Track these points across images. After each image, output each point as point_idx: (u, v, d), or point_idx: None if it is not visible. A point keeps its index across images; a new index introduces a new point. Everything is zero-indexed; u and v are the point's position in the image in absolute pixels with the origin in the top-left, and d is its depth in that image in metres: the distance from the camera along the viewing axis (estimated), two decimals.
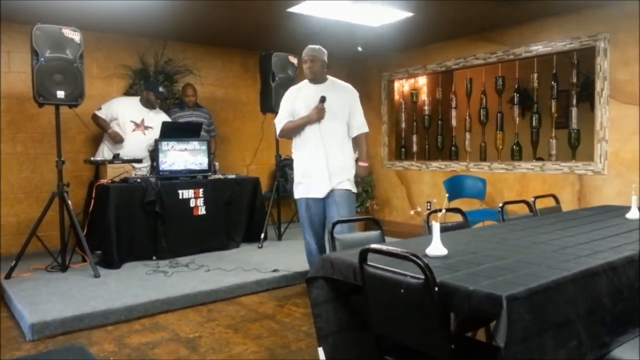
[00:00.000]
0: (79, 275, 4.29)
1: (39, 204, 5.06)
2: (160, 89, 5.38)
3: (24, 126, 5.31)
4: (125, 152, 5.08)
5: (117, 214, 4.58)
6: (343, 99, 3.83)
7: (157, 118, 5.31)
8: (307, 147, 3.82)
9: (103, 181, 4.71)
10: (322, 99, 3.71)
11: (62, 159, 4.38)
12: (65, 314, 3.33)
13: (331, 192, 3.78)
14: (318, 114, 3.72)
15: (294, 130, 3.85)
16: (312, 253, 3.93)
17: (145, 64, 5.90)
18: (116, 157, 4.90)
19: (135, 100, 5.35)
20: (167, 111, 5.69)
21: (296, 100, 3.83)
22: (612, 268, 1.88)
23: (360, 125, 3.93)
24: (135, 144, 5.18)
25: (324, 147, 3.76)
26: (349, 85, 3.95)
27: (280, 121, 3.90)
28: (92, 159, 4.98)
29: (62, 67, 4.17)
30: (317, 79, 3.83)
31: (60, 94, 4.18)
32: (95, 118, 5.20)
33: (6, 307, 3.80)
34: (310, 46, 3.83)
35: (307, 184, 3.83)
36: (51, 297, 3.67)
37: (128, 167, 4.92)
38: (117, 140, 5.11)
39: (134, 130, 5.21)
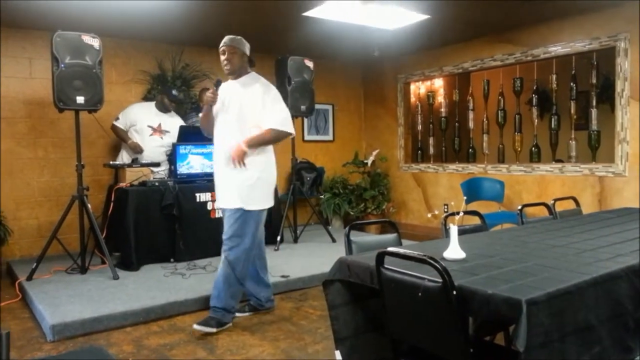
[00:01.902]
0: (98, 277, 4.34)
1: (59, 208, 5.14)
2: (174, 92, 5.42)
3: (45, 131, 5.41)
4: (144, 156, 5.15)
5: (135, 216, 4.63)
6: (252, 95, 3.35)
7: (173, 122, 5.36)
8: (214, 144, 3.48)
9: (122, 185, 4.77)
10: (217, 83, 3.37)
11: (82, 163, 4.45)
12: (84, 316, 3.37)
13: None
14: (207, 98, 3.33)
15: (202, 122, 3.54)
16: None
17: (163, 69, 5.96)
18: (135, 161, 4.96)
19: (151, 105, 5.40)
20: (184, 116, 5.74)
21: (221, 97, 3.42)
22: (633, 272, 1.85)
23: (266, 122, 3.33)
24: (153, 148, 5.24)
25: (224, 150, 3.37)
26: (267, 82, 3.48)
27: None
28: (111, 162, 5.05)
29: (82, 73, 4.23)
30: (234, 73, 3.39)
31: (80, 99, 4.24)
32: (114, 129, 5.26)
33: (27, 308, 3.86)
34: (228, 36, 3.39)
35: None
36: (71, 299, 3.73)
37: (147, 171, 4.97)
38: (138, 151, 5.16)
39: (151, 134, 5.27)
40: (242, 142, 3.26)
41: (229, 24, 5.26)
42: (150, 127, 5.26)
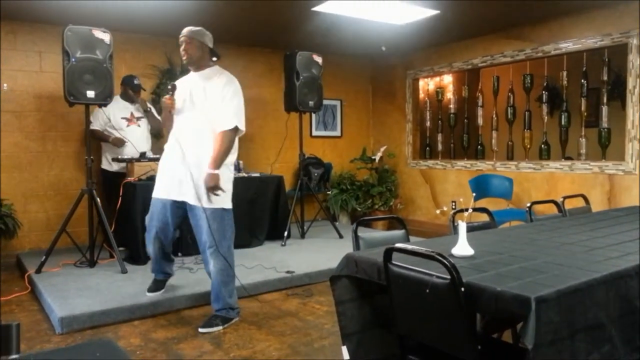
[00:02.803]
0: (106, 270, 4.37)
1: (68, 201, 5.17)
2: (136, 81, 5.25)
3: (54, 125, 5.44)
4: (130, 148, 5.08)
5: (143, 211, 4.63)
6: (212, 88, 3.30)
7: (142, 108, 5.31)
8: (168, 141, 3.44)
9: (130, 179, 4.79)
10: (173, 87, 3.33)
11: (92, 157, 4.47)
12: (93, 309, 3.40)
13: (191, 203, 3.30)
14: (165, 104, 3.32)
15: (164, 124, 3.53)
16: (151, 255, 3.58)
17: (172, 63, 5.97)
18: (142, 155, 4.97)
19: (117, 98, 5.17)
20: None
21: (179, 89, 3.38)
22: None
23: (221, 120, 3.24)
24: (135, 138, 5.18)
25: (180, 143, 3.30)
26: (230, 76, 3.38)
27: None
28: (119, 157, 5.06)
29: (92, 67, 4.25)
30: (193, 64, 3.34)
31: (90, 93, 4.26)
32: (92, 133, 5.08)
33: (37, 300, 3.89)
34: (188, 27, 3.35)
35: (163, 183, 3.41)
36: (80, 292, 3.76)
37: (154, 165, 4.98)
38: (121, 144, 5.08)
39: (128, 125, 5.21)
40: (210, 168, 3.16)
41: (238, 19, 5.27)
42: (124, 119, 5.20)
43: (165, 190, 3.38)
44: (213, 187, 3.16)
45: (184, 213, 3.40)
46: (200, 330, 3.26)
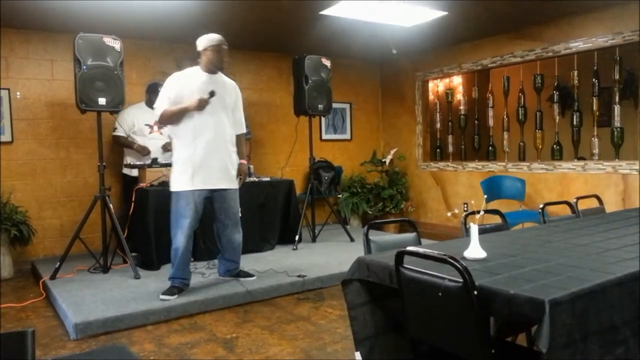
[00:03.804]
0: (120, 276, 4.40)
1: (81, 207, 5.23)
2: (159, 89, 5.33)
3: (67, 132, 5.50)
4: (153, 156, 5.12)
5: (155, 216, 4.68)
6: (234, 93, 4.00)
7: None
8: (202, 137, 3.75)
9: (142, 185, 4.82)
10: (212, 94, 3.70)
11: (104, 163, 4.51)
12: (107, 314, 3.42)
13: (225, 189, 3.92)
14: (202, 105, 3.67)
15: (171, 118, 3.76)
16: (180, 254, 3.79)
17: (181, 69, 5.99)
18: (154, 161, 5.00)
19: (142, 105, 5.36)
20: None
21: (185, 87, 3.75)
22: None
23: (241, 122, 4.08)
24: (156, 145, 5.24)
25: (217, 138, 3.80)
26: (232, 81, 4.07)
27: (161, 106, 3.76)
28: (131, 163, 5.10)
29: (104, 74, 4.29)
30: (223, 68, 3.91)
31: (102, 100, 4.30)
32: (116, 139, 5.23)
33: (51, 306, 3.93)
34: (217, 35, 3.78)
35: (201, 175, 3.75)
36: (94, 298, 3.79)
37: (166, 171, 5.01)
38: (145, 152, 5.15)
39: (150, 132, 5.29)
40: (242, 161, 4.05)
41: (247, 24, 5.29)
42: (147, 126, 5.26)
43: (202, 181, 3.77)
44: (245, 174, 4.09)
45: (207, 203, 3.91)
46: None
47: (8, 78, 5.17)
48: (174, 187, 3.81)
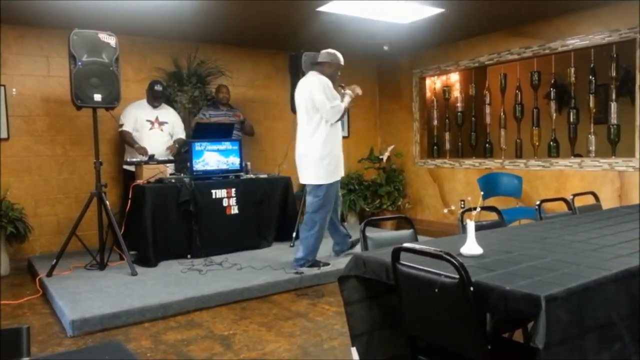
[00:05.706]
0: (116, 273, 4.40)
1: (78, 204, 5.21)
2: (156, 87, 5.31)
3: (63, 129, 5.48)
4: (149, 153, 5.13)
5: (152, 213, 4.67)
6: None
7: (167, 113, 5.41)
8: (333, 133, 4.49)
9: (139, 182, 4.81)
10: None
11: (100, 160, 4.50)
12: (103, 311, 3.42)
13: None
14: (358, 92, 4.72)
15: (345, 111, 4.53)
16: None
17: (178, 66, 5.99)
18: (151, 158, 4.99)
19: (142, 102, 5.37)
20: (199, 111, 5.79)
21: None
22: None
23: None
24: (155, 142, 5.24)
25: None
26: None
27: (339, 103, 4.47)
28: (127, 159, 5.09)
29: (99, 70, 4.28)
30: None
31: (97, 97, 4.29)
32: (123, 135, 5.22)
33: (48, 304, 3.92)
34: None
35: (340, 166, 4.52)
36: (90, 295, 3.78)
37: (163, 168, 5.01)
38: (144, 153, 5.12)
39: (150, 129, 5.28)
40: None
41: (243, 20, 5.28)
42: (148, 122, 5.27)
43: (340, 172, 4.50)
44: None
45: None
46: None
47: (3, 74, 5.14)
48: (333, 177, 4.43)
